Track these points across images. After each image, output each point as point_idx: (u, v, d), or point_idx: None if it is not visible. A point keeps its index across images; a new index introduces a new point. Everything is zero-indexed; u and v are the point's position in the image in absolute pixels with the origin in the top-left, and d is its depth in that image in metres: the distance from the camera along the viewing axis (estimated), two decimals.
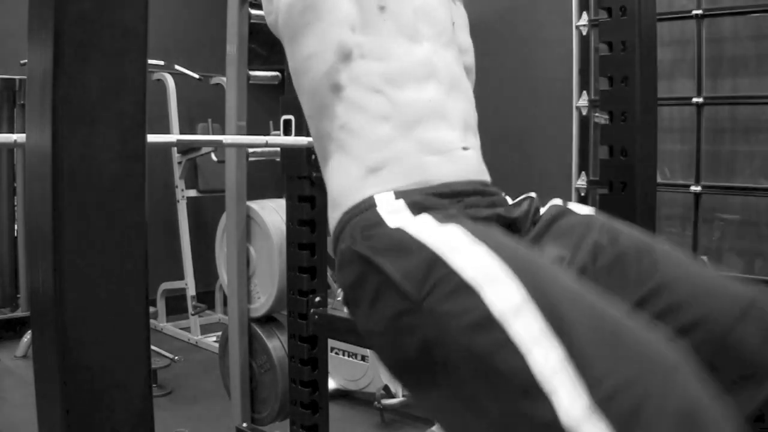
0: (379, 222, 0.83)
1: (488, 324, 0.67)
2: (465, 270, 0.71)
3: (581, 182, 3.88)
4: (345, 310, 0.91)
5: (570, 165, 3.91)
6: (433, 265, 0.74)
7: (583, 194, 3.87)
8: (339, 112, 0.95)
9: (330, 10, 0.94)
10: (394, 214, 0.84)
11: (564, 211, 0.97)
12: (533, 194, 1.01)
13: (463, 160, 0.95)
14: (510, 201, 1.01)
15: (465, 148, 0.96)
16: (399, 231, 0.80)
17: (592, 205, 4.00)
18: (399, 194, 0.87)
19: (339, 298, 0.96)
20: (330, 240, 0.98)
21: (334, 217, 0.94)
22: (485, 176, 1.00)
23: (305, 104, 1.02)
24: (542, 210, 0.99)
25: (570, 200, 3.69)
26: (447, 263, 0.73)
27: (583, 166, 3.89)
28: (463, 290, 0.70)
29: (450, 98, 0.97)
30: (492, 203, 0.94)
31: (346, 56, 0.94)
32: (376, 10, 0.95)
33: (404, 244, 0.78)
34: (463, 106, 1.00)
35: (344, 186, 0.93)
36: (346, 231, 0.88)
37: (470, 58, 1.14)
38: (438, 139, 0.93)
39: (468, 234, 0.76)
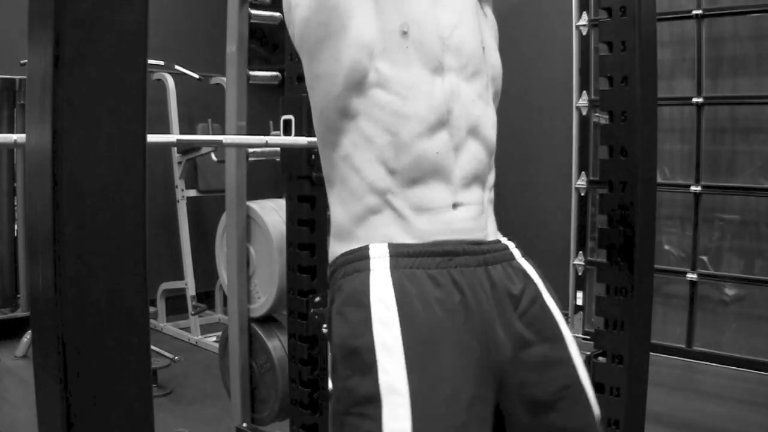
0: (362, 274, 0.88)
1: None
2: (381, 378, 0.82)
3: (581, 182, 3.88)
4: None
5: (570, 165, 3.92)
6: (363, 353, 0.83)
7: (583, 194, 3.87)
8: (344, 142, 0.92)
9: (346, 27, 0.88)
10: (378, 271, 0.87)
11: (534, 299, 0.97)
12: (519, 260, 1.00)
13: (449, 220, 0.91)
14: (514, 251, 0.99)
15: (455, 206, 0.92)
16: (362, 291, 0.86)
17: (591, 206, 4.00)
18: (391, 247, 0.89)
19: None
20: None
21: (331, 252, 0.97)
22: (479, 234, 0.94)
23: (315, 120, 0.99)
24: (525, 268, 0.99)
25: (570, 201, 3.65)
26: (375, 362, 0.82)
27: (583, 166, 3.89)
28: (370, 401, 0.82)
29: (461, 149, 0.92)
30: (483, 261, 0.92)
31: (360, 81, 0.89)
32: (398, 35, 0.88)
33: (358, 307, 0.86)
34: (474, 154, 0.94)
35: (343, 224, 0.94)
36: (338, 272, 0.92)
37: (499, 83, 1.06)
38: (428, 197, 0.90)
39: (406, 342, 0.83)
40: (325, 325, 1.04)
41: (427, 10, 0.91)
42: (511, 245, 0.99)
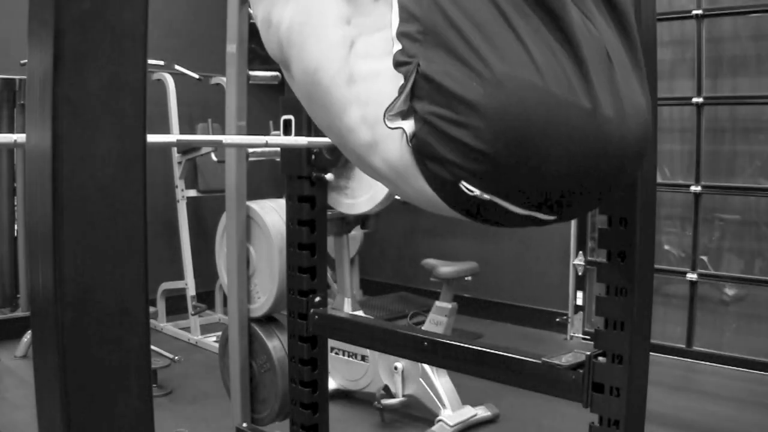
0: None
1: None
2: None
3: None
4: None
5: None
6: None
7: None
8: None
9: (325, 13, 0.95)
10: None
11: None
12: None
13: None
14: None
15: None
16: None
17: None
18: None
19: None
20: None
21: None
22: None
23: (317, 119, 1.01)
24: None
25: None
26: None
27: None
28: None
29: None
30: None
31: (349, 46, 0.94)
32: (370, 1, 0.96)
33: None
34: None
35: None
36: None
37: None
38: None
39: None
40: None
41: None
42: None
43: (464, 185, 0.82)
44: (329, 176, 1.90)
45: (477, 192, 0.81)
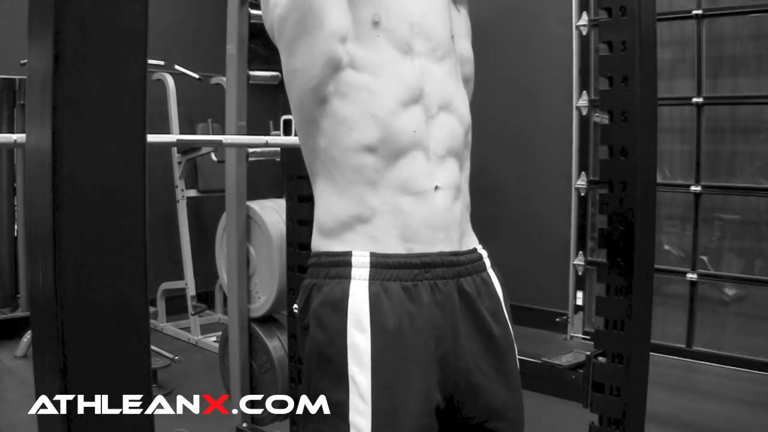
0: (343, 282, 0.93)
1: None
2: (350, 388, 0.89)
3: (581, 182, 3.88)
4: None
5: (570, 165, 3.92)
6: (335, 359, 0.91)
7: (583, 194, 3.87)
8: (323, 128, 0.94)
9: (321, 23, 0.92)
10: (357, 280, 0.92)
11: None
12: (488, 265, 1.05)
13: (431, 209, 0.95)
14: (486, 261, 1.04)
15: (437, 188, 0.95)
16: (341, 299, 0.91)
17: (591, 206, 4.00)
18: (373, 256, 0.93)
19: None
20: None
21: (314, 244, 1.03)
22: (455, 234, 0.98)
23: (294, 116, 1.02)
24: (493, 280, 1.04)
25: (570, 201, 3.67)
26: (346, 373, 0.90)
27: (583, 166, 3.89)
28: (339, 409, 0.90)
29: (435, 123, 0.96)
30: (457, 274, 0.97)
31: (335, 68, 0.92)
32: (370, 25, 0.93)
33: (335, 313, 0.91)
34: (448, 127, 0.98)
35: (328, 223, 1.00)
36: (320, 270, 0.97)
37: (469, 68, 1.12)
38: (411, 173, 0.94)
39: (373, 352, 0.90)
40: (295, 305, 1.07)
41: (397, 3, 0.95)
42: (484, 254, 1.05)
43: None
44: None
45: None
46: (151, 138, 1.22)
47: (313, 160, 0.99)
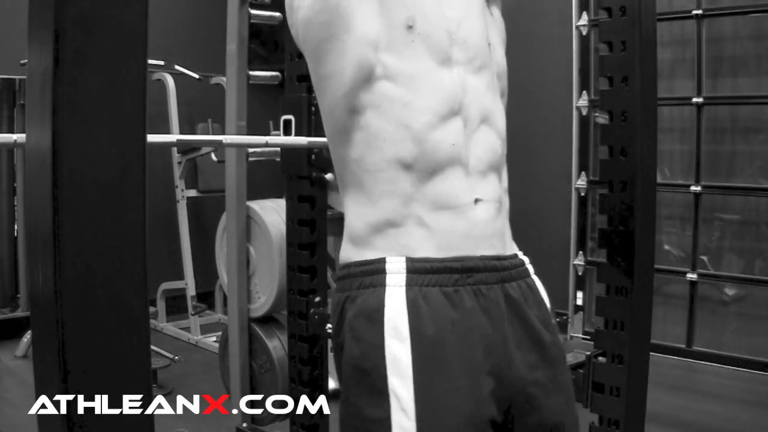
0: (377, 290, 0.87)
1: None
2: (392, 403, 0.83)
3: (581, 182, 3.88)
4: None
5: (570, 165, 3.92)
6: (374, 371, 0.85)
7: (583, 194, 3.87)
8: (356, 141, 0.89)
9: (350, 26, 0.86)
10: (393, 287, 0.86)
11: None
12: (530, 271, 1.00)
13: (471, 221, 0.90)
14: (528, 267, 0.99)
15: (477, 201, 0.90)
16: (377, 309, 0.85)
17: (591, 206, 3.99)
18: (409, 261, 0.87)
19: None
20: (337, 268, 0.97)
21: (343, 255, 0.94)
22: (498, 242, 0.93)
23: (325, 124, 0.96)
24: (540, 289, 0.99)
25: (570, 201, 3.65)
26: (387, 387, 0.84)
27: (583, 166, 3.89)
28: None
29: (475, 137, 0.91)
30: (501, 279, 0.91)
31: (367, 77, 0.87)
32: (404, 29, 0.87)
33: (372, 323, 0.85)
34: (488, 142, 0.93)
35: (358, 230, 0.92)
36: (354, 281, 0.90)
37: (505, 82, 1.05)
38: (448, 191, 0.88)
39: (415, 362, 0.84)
40: (329, 325, 1.03)
41: (433, 5, 0.89)
42: (526, 260, 0.99)
43: None
44: (329, 176, 1.90)
45: None
46: (151, 138, 1.22)
47: (344, 170, 0.93)
